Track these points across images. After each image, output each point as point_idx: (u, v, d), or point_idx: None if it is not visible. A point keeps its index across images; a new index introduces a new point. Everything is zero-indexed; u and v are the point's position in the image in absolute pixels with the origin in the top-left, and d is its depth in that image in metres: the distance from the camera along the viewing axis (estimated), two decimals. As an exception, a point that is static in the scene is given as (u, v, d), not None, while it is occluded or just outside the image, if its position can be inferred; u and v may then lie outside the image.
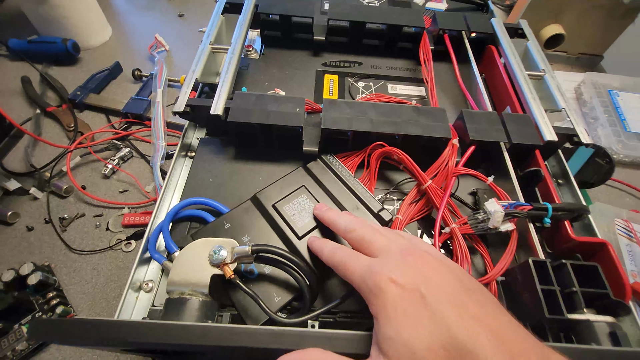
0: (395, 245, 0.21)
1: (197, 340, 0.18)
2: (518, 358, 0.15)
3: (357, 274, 0.20)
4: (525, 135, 0.32)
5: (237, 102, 0.31)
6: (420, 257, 0.19)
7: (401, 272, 0.18)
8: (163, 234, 0.27)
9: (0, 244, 0.41)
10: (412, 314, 0.17)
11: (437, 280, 0.18)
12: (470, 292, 0.18)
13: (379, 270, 0.19)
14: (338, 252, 0.22)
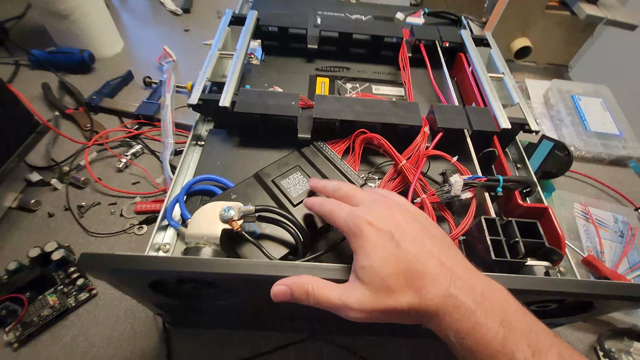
0: (373, 196, 0.25)
1: (208, 269, 0.22)
2: (455, 278, 0.20)
3: (341, 218, 0.24)
4: (484, 124, 0.38)
5: (242, 97, 0.37)
6: (393, 206, 0.24)
7: (377, 217, 0.23)
8: (179, 204, 0.32)
9: (25, 229, 0.46)
10: (383, 248, 0.21)
11: (404, 225, 0.23)
12: (430, 235, 0.23)
13: (359, 214, 0.23)
14: (326, 203, 0.26)
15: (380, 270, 0.21)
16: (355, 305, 0.21)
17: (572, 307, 0.29)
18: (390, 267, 0.21)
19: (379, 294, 0.21)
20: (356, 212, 0.23)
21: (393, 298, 0.20)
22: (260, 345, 0.39)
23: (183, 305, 0.31)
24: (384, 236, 0.22)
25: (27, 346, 0.37)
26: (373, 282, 0.21)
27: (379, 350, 0.40)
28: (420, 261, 0.21)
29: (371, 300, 0.21)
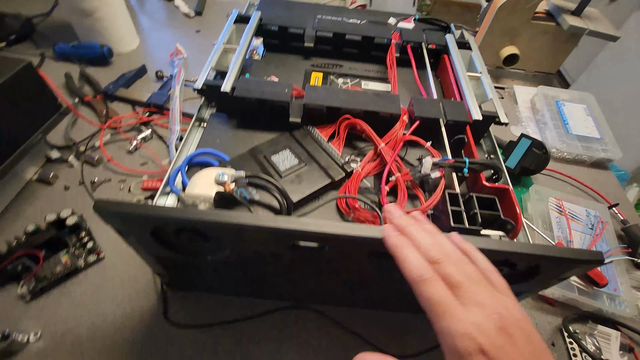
0: (482, 298, 0.21)
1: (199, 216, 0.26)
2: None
3: (448, 324, 0.20)
4: (458, 115, 0.42)
5: (241, 84, 0.41)
6: (507, 329, 0.20)
7: (491, 343, 0.19)
8: (181, 173, 0.37)
9: (43, 199, 0.51)
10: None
11: (518, 354, 0.19)
12: (531, 353, 0.20)
13: (472, 334, 0.19)
14: (429, 286, 0.21)
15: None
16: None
17: (522, 273, 0.32)
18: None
19: None
20: (468, 328, 0.19)
21: None
22: (247, 310, 0.43)
23: (180, 261, 0.35)
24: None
25: (38, 300, 0.42)
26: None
27: (361, 321, 0.43)
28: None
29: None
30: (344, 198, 0.36)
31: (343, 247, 0.29)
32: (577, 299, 0.45)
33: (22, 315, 0.40)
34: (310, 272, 0.36)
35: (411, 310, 0.44)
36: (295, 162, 0.38)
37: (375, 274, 0.33)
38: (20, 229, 0.46)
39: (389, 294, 0.40)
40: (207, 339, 0.41)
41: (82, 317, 0.41)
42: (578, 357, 0.43)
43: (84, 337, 0.39)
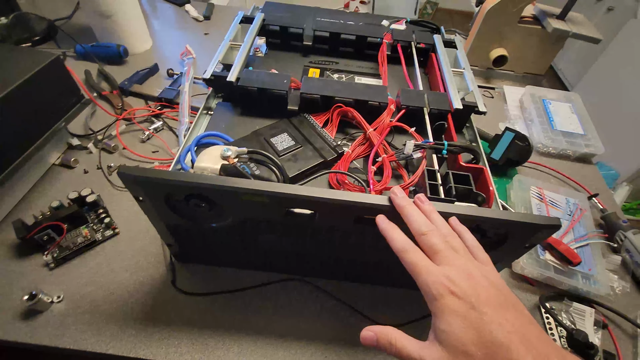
0: (458, 262, 0.25)
1: (205, 181, 0.31)
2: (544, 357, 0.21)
3: (423, 277, 0.24)
4: (440, 104, 0.46)
5: (245, 74, 0.46)
6: (476, 275, 0.24)
7: (459, 285, 0.23)
8: (190, 152, 0.42)
9: (64, 180, 0.56)
10: (464, 318, 0.22)
11: (487, 296, 0.23)
12: (510, 307, 0.23)
13: (442, 281, 0.24)
14: (410, 252, 0.26)
15: (460, 337, 0.22)
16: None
17: (493, 242, 0.36)
18: (471, 335, 0.22)
19: (458, 358, 0.22)
20: (439, 278, 0.24)
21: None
22: (247, 282, 0.47)
23: (187, 231, 0.39)
24: (465, 305, 0.23)
25: (61, 267, 0.46)
26: (452, 347, 0.22)
27: (349, 293, 0.47)
28: (504, 334, 0.21)
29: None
30: (335, 174, 0.40)
31: (332, 213, 0.34)
32: (554, 277, 0.49)
33: (46, 280, 0.45)
34: (303, 243, 0.40)
35: (391, 284, 0.47)
36: (292, 144, 0.42)
37: (361, 242, 0.38)
38: (44, 206, 0.51)
39: (372, 267, 0.43)
40: (211, 305, 0.45)
41: (99, 283, 0.45)
42: (554, 330, 0.47)
43: (101, 300, 0.44)
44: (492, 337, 0.21)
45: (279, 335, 0.43)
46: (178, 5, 1.00)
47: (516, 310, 0.24)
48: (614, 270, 0.53)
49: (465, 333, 0.22)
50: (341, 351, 0.43)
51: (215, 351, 0.41)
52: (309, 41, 0.58)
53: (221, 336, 0.43)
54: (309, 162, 0.41)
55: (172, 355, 0.41)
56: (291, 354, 0.42)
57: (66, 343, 0.40)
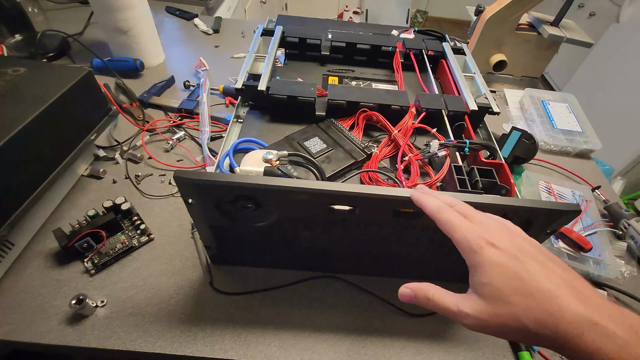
0: (491, 221, 0.26)
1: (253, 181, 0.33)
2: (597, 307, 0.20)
3: (461, 232, 0.24)
4: (457, 106, 0.49)
5: (274, 84, 0.49)
6: (512, 231, 0.25)
7: (499, 239, 0.23)
8: (229, 157, 0.44)
9: (94, 191, 0.57)
10: (506, 268, 0.22)
11: (527, 248, 0.23)
12: (549, 258, 0.23)
13: (480, 234, 0.23)
14: (445, 211, 0.26)
15: (501, 288, 0.21)
16: (472, 314, 0.22)
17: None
18: (515, 284, 0.21)
19: (499, 308, 0.21)
20: (478, 232, 0.24)
21: (515, 314, 0.21)
22: (282, 281, 0.49)
23: (229, 232, 0.41)
24: (507, 256, 0.22)
25: (101, 273, 0.48)
26: (494, 298, 0.21)
27: (380, 286, 0.49)
28: (552, 283, 0.21)
29: (489, 313, 0.21)
30: (367, 173, 0.43)
31: (371, 207, 0.36)
32: (568, 263, 0.52)
33: (88, 285, 0.46)
34: (341, 238, 0.42)
35: (422, 277, 0.50)
36: (324, 146, 0.45)
37: (397, 234, 0.40)
38: (76, 217, 0.53)
39: (406, 260, 0.46)
40: (249, 303, 0.47)
41: (139, 286, 0.47)
42: (571, 314, 0.50)
43: (143, 303, 0.45)
44: (538, 286, 0.21)
45: (317, 328, 0.45)
46: (186, 19, 1.03)
47: (561, 264, 0.23)
48: (620, 255, 0.57)
49: (508, 283, 0.21)
50: (377, 341, 0.45)
51: (257, 346, 0.43)
52: (326, 51, 0.61)
53: (262, 332, 0.44)
54: (342, 163, 0.44)
55: (218, 351, 0.42)
56: (330, 346, 0.44)
57: (114, 344, 0.42)
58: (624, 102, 1.58)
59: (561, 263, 0.23)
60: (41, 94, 0.48)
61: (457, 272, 0.40)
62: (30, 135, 0.44)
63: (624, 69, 1.63)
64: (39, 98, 0.47)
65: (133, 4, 0.73)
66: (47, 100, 0.47)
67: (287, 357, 0.43)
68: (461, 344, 0.46)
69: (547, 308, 0.20)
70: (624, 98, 1.58)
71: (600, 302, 0.20)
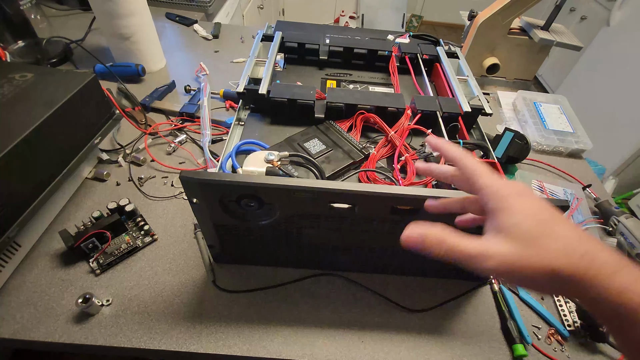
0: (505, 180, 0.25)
1: (256, 180, 0.34)
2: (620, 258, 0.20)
3: (485, 179, 0.24)
4: (451, 108, 0.51)
5: (275, 87, 0.51)
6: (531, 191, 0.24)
7: (525, 192, 0.24)
8: (232, 158, 0.45)
9: (98, 193, 0.58)
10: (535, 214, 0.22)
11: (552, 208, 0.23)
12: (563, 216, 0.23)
13: (508, 184, 0.24)
14: (470, 159, 0.26)
15: (531, 230, 0.21)
16: (498, 255, 0.21)
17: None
18: (543, 228, 0.21)
19: (530, 249, 0.21)
20: (502, 181, 0.24)
21: (547, 256, 0.20)
22: (284, 278, 0.50)
23: (233, 231, 0.43)
24: (535, 204, 0.23)
25: (106, 273, 0.49)
26: (521, 237, 0.21)
27: (379, 283, 0.51)
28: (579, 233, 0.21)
29: (519, 254, 0.21)
30: (365, 172, 0.44)
31: (370, 205, 0.38)
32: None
33: (94, 285, 0.47)
34: (341, 236, 0.44)
35: (420, 273, 0.52)
36: (324, 147, 0.47)
37: (395, 231, 0.42)
38: (81, 218, 0.54)
39: (403, 257, 0.48)
40: (251, 301, 0.48)
41: (144, 285, 0.48)
42: (564, 307, 0.51)
43: (149, 302, 0.46)
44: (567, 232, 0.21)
45: (318, 324, 0.47)
46: (186, 25, 1.05)
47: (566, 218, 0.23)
48: (612, 252, 0.59)
49: (538, 226, 0.21)
50: (376, 336, 0.46)
51: (260, 342, 0.44)
52: (324, 56, 0.63)
53: (264, 328, 0.46)
54: (341, 163, 0.45)
55: (222, 348, 0.43)
56: (331, 341, 0.45)
57: (121, 342, 0.43)
58: (616, 103, 1.61)
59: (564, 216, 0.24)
60: (48, 99, 0.49)
61: (457, 269, 0.42)
62: (38, 138, 0.45)
63: (615, 70, 1.66)
64: (47, 102, 0.48)
65: (135, 11, 0.75)
66: (54, 105, 0.48)
67: (290, 352, 0.44)
68: (458, 338, 0.47)
69: (578, 250, 0.20)
70: (616, 99, 1.62)
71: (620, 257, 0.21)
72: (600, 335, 0.47)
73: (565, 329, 0.48)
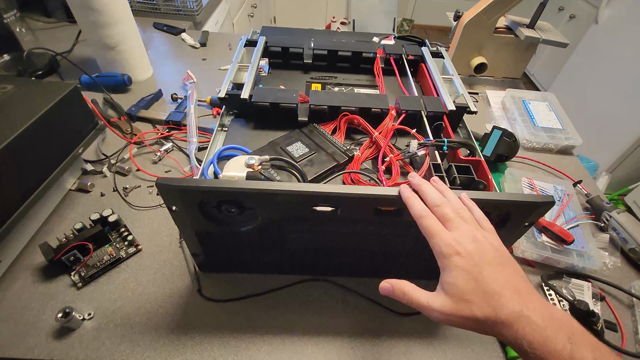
0: (466, 228, 0.30)
1: (236, 185, 0.34)
2: (527, 302, 0.26)
3: (436, 239, 0.29)
4: (435, 107, 0.51)
5: (257, 92, 0.50)
6: (479, 241, 0.29)
7: (465, 248, 0.28)
8: (213, 164, 0.45)
9: (82, 204, 0.57)
10: (467, 273, 0.27)
11: (486, 256, 0.28)
12: (507, 265, 0.29)
13: (451, 243, 0.28)
14: (426, 219, 0.31)
15: (462, 287, 0.27)
16: (438, 309, 0.27)
17: (497, 222, 0.40)
18: (471, 286, 0.27)
19: (459, 304, 0.27)
20: (449, 240, 0.29)
21: (471, 310, 0.26)
22: (271, 285, 0.49)
23: (215, 237, 0.42)
24: (469, 263, 0.28)
25: (88, 286, 0.48)
26: (456, 296, 0.27)
27: (368, 288, 0.50)
28: (499, 285, 0.26)
29: (452, 308, 0.27)
30: (349, 174, 0.44)
31: (353, 207, 0.37)
32: (552, 257, 0.53)
33: (75, 299, 0.46)
34: (327, 239, 0.43)
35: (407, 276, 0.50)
36: (307, 150, 0.46)
37: (380, 232, 0.41)
38: (64, 230, 0.53)
39: (389, 259, 0.47)
40: (238, 310, 0.47)
41: (128, 297, 0.47)
42: (557, 305, 0.50)
43: (132, 314, 0.45)
44: (488, 287, 0.26)
45: (307, 332, 0.45)
46: (173, 34, 1.05)
47: (512, 268, 0.29)
48: (604, 247, 0.58)
49: (467, 284, 0.27)
50: (366, 342, 0.45)
51: (247, 351, 0.43)
52: (309, 59, 0.63)
53: (251, 338, 0.44)
54: (325, 166, 0.45)
55: (207, 359, 0.42)
56: (319, 349, 0.44)
57: (102, 356, 0.42)
58: (608, 99, 1.62)
59: (513, 265, 0.29)
60: (28, 110, 0.48)
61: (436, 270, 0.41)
62: (17, 149, 0.44)
63: (606, 67, 1.67)
64: (26, 113, 0.48)
65: (119, 20, 0.74)
66: (33, 115, 0.48)
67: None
68: (450, 341, 0.46)
69: (492, 304, 0.26)
70: (608, 96, 1.62)
71: (532, 298, 0.27)
72: (594, 333, 0.46)
73: (560, 328, 0.47)
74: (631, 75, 1.51)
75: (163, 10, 1.12)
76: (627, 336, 0.48)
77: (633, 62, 1.51)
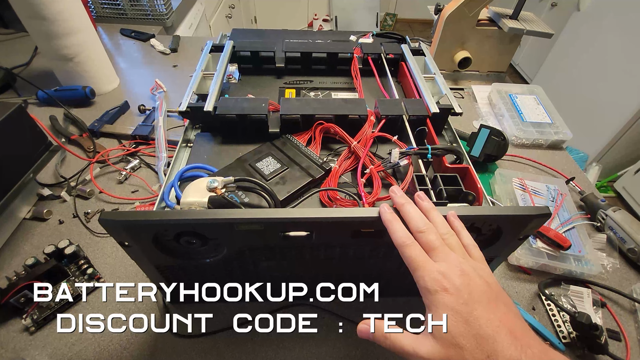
0: (453, 259, 0.26)
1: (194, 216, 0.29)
2: (525, 348, 0.22)
3: (419, 273, 0.26)
4: (418, 110, 0.47)
5: (222, 103, 0.46)
6: (468, 275, 0.25)
7: (453, 284, 0.25)
8: (174, 187, 0.40)
9: (38, 234, 0.52)
10: (456, 312, 0.24)
11: (476, 293, 0.25)
12: (499, 302, 0.25)
13: (437, 278, 0.25)
14: (408, 248, 0.27)
15: (451, 331, 0.23)
16: (426, 356, 0.24)
17: (489, 237, 0.36)
18: (461, 329, 0.23)
19: (449, 350, 0.23)
20: (434, 274, 0.25)
21: (463, 357, 0.23)
22: (247, 313, 0.45)
23: (180, 270, 0.37)
24: (457, 301, 0.24)
25: (43, 330, 0.43)
26: (444, 340, 0.24)
27: (351, 309, 0.46)
28: (492, 328, 0.23)
29: (441, 355, 0.23)
30: (326, 191, 0.40)
31: (328, 231, 0.33)
32: (548, 263, 0.50)
33: (28, 346, 0.41)
34: (303, 265, 0.39)
35: (392, 294, 0.47)
36: (278, 166, 0.42)
37: (360, 256, 0.37)
38: (18, 265, 0.47)
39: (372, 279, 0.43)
40: (212, 345, 0.42)
41: (88, 340, 0.42)
42: (557, 316, 0.47)
43: (92, 359, 0.40)
44: (481, 331, 0.23)
45: (289, 366, 0.41)
46: (142, 41, 0.99)
47: (505, 306, 0.25)
48: (601, 248, 0.55)
49: (456, 327, 0.23)
50: (355, 372, 0.41)
51: (223, 395, 0.39)
52: (281, 63, 0.58)
53: (228, 377, 0.40)
54: (298, 183, 0.40)
55: (178, 406, 0.38)
56: (304, 385, 0.40)
57: (58, 413, 0.37)
58: (593, 87, 1.61)
59: (505, 300, 0.26)
60: (-38, 136, 0.43)
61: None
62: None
63: (589, 54, 1.66)
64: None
65: (75, 29, 0.69)
66: (-31, 142, 0.42)
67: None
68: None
69: (486, 350, 0.23)
70: (593, 83, 1.61)
71: (530, 342, 0.23)
72: (598, 346, 0.42)
73: (561, 342, 0.44)
74: (615, 61, 1.50)
75: (130, 15, 1.06)
76: (630, 345, 0.45)
77: (616, 47, 1.50)
